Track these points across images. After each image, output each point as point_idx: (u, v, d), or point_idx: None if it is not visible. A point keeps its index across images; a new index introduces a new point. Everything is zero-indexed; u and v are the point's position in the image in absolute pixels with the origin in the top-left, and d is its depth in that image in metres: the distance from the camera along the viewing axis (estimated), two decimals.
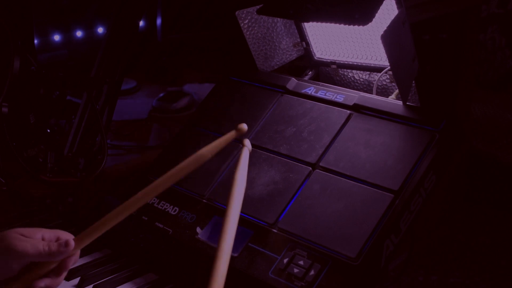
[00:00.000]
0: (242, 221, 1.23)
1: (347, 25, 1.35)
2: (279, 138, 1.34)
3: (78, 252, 1.04)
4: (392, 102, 1.31)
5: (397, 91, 1.37)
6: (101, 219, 1.05)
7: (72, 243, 1.01)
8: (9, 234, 0.99)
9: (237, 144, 1.37)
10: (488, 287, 1.20)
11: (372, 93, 1.41)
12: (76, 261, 1.04)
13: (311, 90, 1.40)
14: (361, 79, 1.48)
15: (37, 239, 1.00)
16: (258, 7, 1.38)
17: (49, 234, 1.02)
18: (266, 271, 1.15)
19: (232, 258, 1.18)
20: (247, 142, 1.15)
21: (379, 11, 1.16)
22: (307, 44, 1.53)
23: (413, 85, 1.30)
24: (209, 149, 1.12)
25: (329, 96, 1.36)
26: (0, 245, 0.98)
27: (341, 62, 1.49)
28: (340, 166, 1.23)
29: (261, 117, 1.39)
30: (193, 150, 1.38)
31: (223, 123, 1.42)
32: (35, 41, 1.88)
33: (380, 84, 1.43)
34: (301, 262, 1.13)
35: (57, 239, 1.02)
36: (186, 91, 2.21)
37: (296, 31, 1.53)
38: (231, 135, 1.12)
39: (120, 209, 1.05)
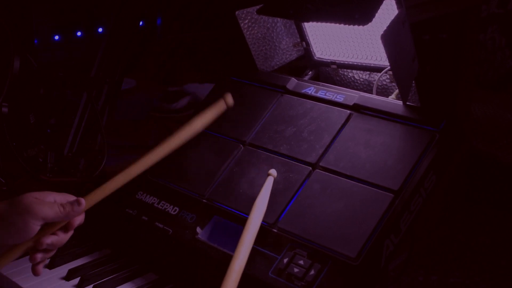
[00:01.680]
0: (242, 221, 1.23)
1: (347, 25, 1.35)
2: (279, 138, 1.34)
3: (84, 213, 1.11)
4: (392, 102, 1.31)
5: (397, 91, 1.37)
6: (108, 181, 1.15)
7: (83, 201, 1.09)
8: (26, 199, 1.06)
9: (237, 144, 1.37)
10: (488, 287, 1.20)
11: (372, 93, 1.41)
12: (81, 221, 1.11)
13: (311, 90, 1.40)
14: (361, 79, 1.48)
15: (50, 201, 1.08)
16: (258, 7, 1.38)
17: (60, 196, 1.10)
18: (266, 271, 1.15)
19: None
20: (273, 171, 1.25)
21: (379, 11, 1.16)
22: (307, 44, 1.53)
23: (413, 85, 1.30)
24: (202, 122, 1.27)
25: (329, 96, 1.36)
26: (19, 210, 1.05)
27: (341, 62, 1.49)
28: (340, 166, 1.23)
29: (261, 117, 1.39)
30: (193, 150, 1.39)
31: (223, 123, 1.42)
32: (35, 41, 1.88)
33: (380, 84, 1.43)
34: (301, 262, 1.13)
35: (67, 201, 1.09)
36: (186, 91, 2.21)
37: (296, 31, 1.53)
38: (221, 107, 1.28)
39: (126, 171, 1.17)
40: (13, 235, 1.05)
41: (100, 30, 2.33)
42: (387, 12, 1.30)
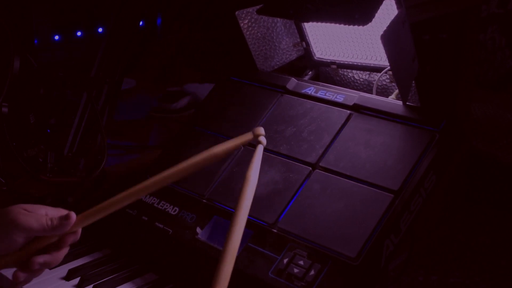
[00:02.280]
0: None
1: (347, 25, 1.35)
2: (279, 138, 1.34)
3: (79, 231, 1.05)
4: (392, 102, 1.31)
5: (397, 91, 1.37)
6: (106, 201, 1.06)
7: (73, 216, 1.03)
8: (14, 209, 1.02)
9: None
10: (488, 287, 1.20)
11: (372, 93, 1.41)
12: (76, 239, 1.06)
13: (311, 90, 1.40)
14: (361, 79, 1.48)
15: (40, 214, 1.03)
16: (258, 7, 1.38)
17: (52, 211, 1.04)
18: (266, 271, 1.15)
19: None
20: (262, 138, 1.12)
21: (379, 11, 1.16)
22: (307, 44, 1.53)
23: (413, 85, 1.30)
24: (223, 149, 1.11)
25: (329, 96, 1.36)
26: (5, 220, 1.00)
27: (341, 62, 1.49)
28: (340, 166, 1.23)
29: (261, 117, 1.39)
30: (193, 150, 1.39)
31: (223, 123, 1.43)
32: (35, 41, 1.88)
33: (380, 84, 1.43)
34: (301, 262, 1.13)
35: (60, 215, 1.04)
36: (186, 91, 2.21)
37: (296, 31, 1.53)
38: (247, 137, 1.12)
39: (127, 193, 1.06)
40: None
41: (100, 30, 2.33)
42: (387, 12, 1.30)
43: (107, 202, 1.06)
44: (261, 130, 1.14)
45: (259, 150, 1.11)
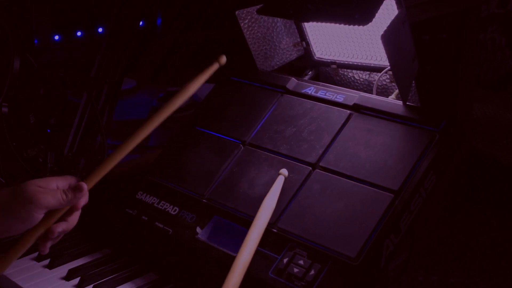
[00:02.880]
0: (242, 221, 1.23)
1: (347, 25, 1.35)
2: (279, 138, 1.34)
3: (87, 193, 1.12)
4: (392, 102, 1.31)
5: (397, 91, 1.37)
6: (106, 158, 1.16)
7: (84, 186, 1.10)
8: (29, 187, 1.06)
9: (237, 144, 1.37)
10: (488, 287, 1.20)
11: (372, 93, 1.41)
12: (86, 201, 1.12)
13: (311, 90, 1.40)
14: (361, 79, 1.48)
15: (53, 189, 1.08)
16: (258, 7, 1.38)
17: (62, 181, 1.10)
18: (266, 271, 1.15)
19: (232, 258, 1.18)
20: (284, 170, 1.25)
21: (379, 11, 1.16)
22: (307, 44, 1.53)
23: (413, 85, 1.30)
24: (197, 84, 1.26)
25: (329, 96, 1.36)
26: (23, 198, 1.05)
27: (341, 62, 1.49)
28: (340, 166, 1.23)
29: (261, 117, 1.39)
30: (193, 150, 1.39)
31: (223, 123, 1.43)
32: (35, 41, 1.88)
33: (380, 84, 1.43)
34: (301, 262, 1.13)
35: (69, 185, 1.10)
36: None
37: (296, 31, 1.53)
38: (214, 67, 1.28)
39: (123, 146, 1.17)
40: (16, 224, 1.06)
41: (100, 30, 2.33)
42: (387, 12, 1.30)
43: (108, 158, 1.16)
44: (223, 58, 1.29)
45: (280, 180, 1.23)
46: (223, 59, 1.30)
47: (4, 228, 1.07)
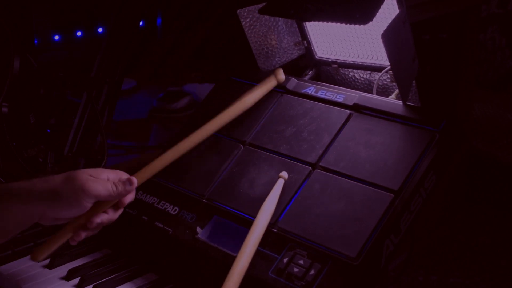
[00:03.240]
0: (242, 221, 1.23)
1: (348, 25, 1.35)
2: (279, 138, 1.34)
3: (134, 191, 1.15)
4: (392, 102, 1.31)
5: (397, 91, 1.37)
6: (159, 157, 1.20)
7: (135, 180, 1.13)
8: (81, 175, 1.08)
9: (237, 144, 1.37)
10: (488, 287, 1.20)
11: (372, 93, 1.41)
12: (132, 199, 1.15)
13: (311, 90, 1.40)
14: (362, 79, 1.48)
15: (104, 179, 1.10)
16: (259, 6, 1.38)
17: (112, 174, 1.13)
18: (266, 271, 1.15)
19: (232, 258, 1.18)
20: (284, 173, 1.25)
21: (380, 10, 1.16)
22: (308, 43, 1.53)
23: (413, 85, 1.30)
24: (254, 97, 1.35)
25: (329, 96, 1.36)
26: (75, 186, 1.07)
27: (342, 61, 1.49)
28: (340, 166, 1.23)
29: (261, 117, 1.39)
30: (193, 150, 1.39)
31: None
32: (35, 41, 1.88)
33: (380, 83, 1.43)
34: (301, 262, 1.13)
35: (120, 179, 1.12)
36: (186, 91, 2.21)
37: (297, 30, 1.53)
38: (271, 83, 1.37)
39: (175, 148, 1.23)
40: (66, 210, 1.08)
41: (100, 30, 2.33)
42: (388, 11, 1.30)
43: (159, 160, 1.21)
44: (281, 74, 1.38)
45: (279, 183, 1.24)
46: (281, 75, 1.38)
47: (52, 213, 1.09)
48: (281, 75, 1.39)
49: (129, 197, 1.15)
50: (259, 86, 1.37)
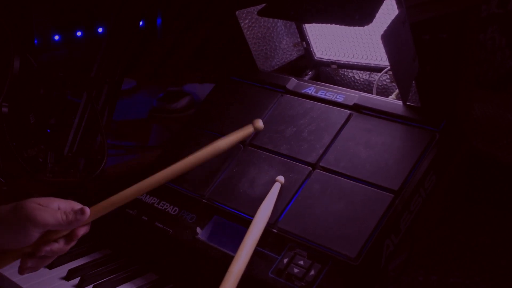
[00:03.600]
0: (242, 221, 1.23)
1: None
2: (279, 138, 1.34)
3: (90, 223, 1.08)
4: (392, 102, 1.31)
5: (397, 91, 1.37)
6: (118, 194, 1.12)
7: (88, 210, 1.06)
8: (28, 204, 1.03)
9: (237, 144, 1.36)
10: (488, 287, 1.20)
11: (372, 93, 1.41)
12: (86, 231, 1.08)
13: (311, 90, 1.40)
14: (361, 79, 1.48)
15: (54, 208, 1.04)
16: (258, 7, 1.38)
17: (64, 204, 1.06)
18: (266, 271, 1.15)
19: (232, 258, 1.18)
20: (280, 177, 1.25)
21: (379, 11, 1.16)
22: (307, 44, 1.53)
23: (413, 85, 1.30)
24: (227, 142, 1.29)
25: (329, 96, 1.36)
26: (21, 215, 1.02)
27: (341, 62, 1.49)
28: (340, 166, 1.23)
29: (261, 117, 1.39)
30: (193, 150, 1.39)
31: (223, 123, 1.42)
32: (35, 41, 1.88)
33: (380, 84, 1.43)
34: (301, 262, 1.13)
35: (72, 209, 1.06)
36: (186, 91, 2.21)
37: (296, 31, 1.53)
38: (248, 130, 1.32)
39: (136, 187, 1.14)
40: (12, 240, 1.02)
41: (100, 30, 2.33)
42: (387, 12, 1.30)
43: (119, 196, 1.12)
44: (259, 122, 1.33)
45: (276, 187, 1.24)
46: (259, 124, 1.34)
47: (1, 242, 1.03)
48: (259, 123, 1.35)
49: (83, 229, 1.07)
50: (235, 133, 1.32)
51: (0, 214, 1.03)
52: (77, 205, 1.07)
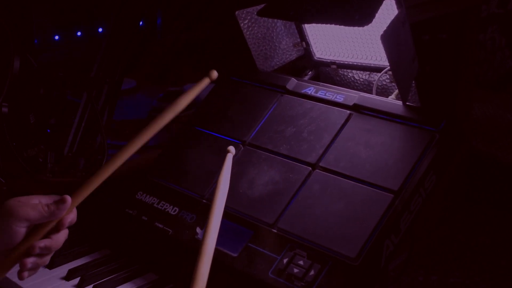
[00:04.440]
0: (242, 221, 1.23)
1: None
2: (279, 138, 1.34)
3: (75, 210, 1.08)
4: (392, 102, 1.31)
5: (397, 91, 1.37)
6: (93, 175, 1.11)
7: (68, 198, 1.05)
8: (10, 202, 1.03)
9: (237, 144, 1.37)
10: (488, 287, 1.20)
11: (372, 93, 1.41)
12: (73, 219, 1.07)
13: (311, 90, 1.40)
14: (361, 79, 1.48)
15: (35, 203, 1.04)
16: (258, 7, 1.38)
17: (45, 198, 1.06)
18: (266, 271, 1.15)
19: (232, 258, 1.18)
20: (231, 148, 1.27)
21: (378, 11, 1.16)
22: (307, 44, 1.53)
23: (413, 85, 1.30)
24: (187, 100, 1.23)
25: (329, 96, 1.36)
26: (3, 213, 1.02)
27: (341, 62, 1.49)
28: (340, 166, 1.23)
29: (261, 117, 1.39)
30: (193, 150, 1.39)
31: (223, 123, 1.43)
32: (35, 41, 1.88)
33: (380, 84, 1.43)
34: (301, 262, 1.13)
35: (53, 201, 1.06)
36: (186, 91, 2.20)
37: (296, 31, 1.53)
38: (205, 82, 1.25)
39: (110, 162, 1.13)
40: (0, 240, 1.02)
41: (100, 30, 2.33)
42: (387, 12, 1.30)
43: (96, 175, 1.11)
44: (214, 73, 1.26)
45: (228, 158, 1.26)
46: (214, 74, 1.27)
47: None
48: (214, 74, 1.27)
49: (69, 217, 1.06)
50: (192, 89, 1.27)
51: None
52: (58, 197, 1.06)
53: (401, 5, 1.17)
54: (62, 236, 1.07)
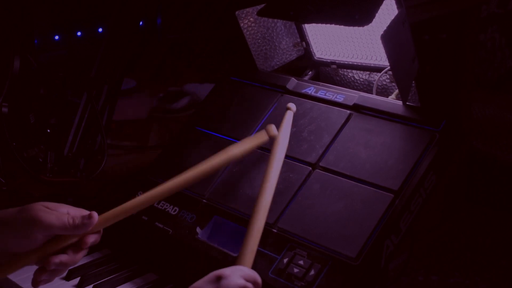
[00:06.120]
0: (242, 221, 1.23)
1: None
2: None
3: (100, 231, 1.05)
4: (392, 102, 1.31)
5: (397, 91, 1.37)
6: (128, 202, 1.08)
7: (96, 215, 1.01)
8: (35, 206, 1.00)
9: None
10: (488, 287, 1.20)
11: (372, 93, 1.41)
12: (97, 241, 1.04)
13: (311, 90, 1.40)
14: (361, 79, 1.48)
15: (62, 212, 1.01)
16: (258, 7, 1.38)
17: (74, 210, 1.03)
18: (266, 271, 1.15)
19: (232, 258, 1.18)
20: (291, 105, 1.29)
21: (379, 11, 1.16)
22: (307, 44, 1.53)
23: (413, 85, 1.30)
24: (241, 150, 1.23)
25: (329, 96, 1.36)
26: (26, 216, 0.99)
27: (341, 62, 1.49)
28: (340, 166, 1.23)
29: (261, 117, 1.39)
30: (193, 150, 1.39)
31: (223, 123, 1.43)
32: (35, 41, 1.88)
33: (380, 84, 1.43)
34: (301, 262, 1.13)
35: (80, 214, 1.02)
36: (186, 91, 2.21)
37: (296, 31, 1.53)
38: (263, 138, 1.26)
39: (148, 195, 1.10)
40: (17, 243, 0.99)
41: (100, 30, 2.33)
42: (387, 12, 1.30)
43: (129, 204, 1.07)
44: (273, 129, 1.27)
45: (288, 116, 1.28)
46: (273, 130, 1.26)
47: (4, 245, 1.00)
48: (273, 131, 1.26)
49: (93, 237, 1.03)
50: (248, 140, 1.27)
51: (7, 216, 1.00)
52: (87, 212, 1.03)
53: (401, 5, 1.17)
54: (80, 255, 1.04)
